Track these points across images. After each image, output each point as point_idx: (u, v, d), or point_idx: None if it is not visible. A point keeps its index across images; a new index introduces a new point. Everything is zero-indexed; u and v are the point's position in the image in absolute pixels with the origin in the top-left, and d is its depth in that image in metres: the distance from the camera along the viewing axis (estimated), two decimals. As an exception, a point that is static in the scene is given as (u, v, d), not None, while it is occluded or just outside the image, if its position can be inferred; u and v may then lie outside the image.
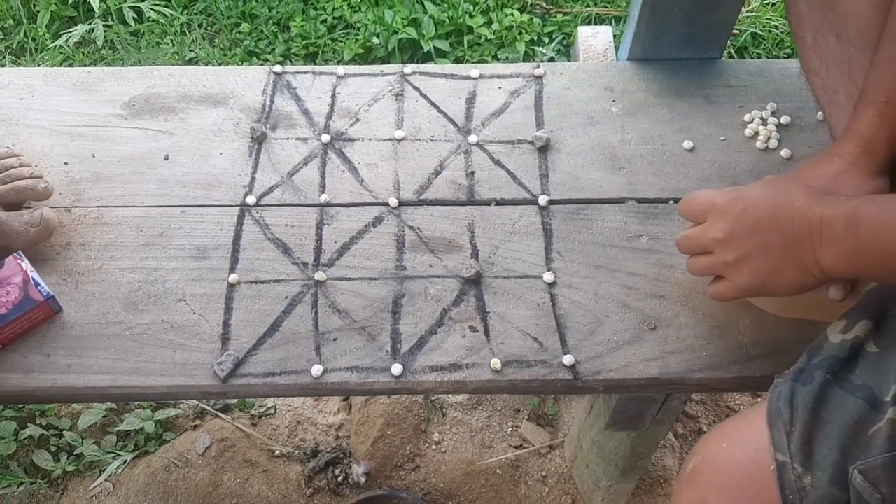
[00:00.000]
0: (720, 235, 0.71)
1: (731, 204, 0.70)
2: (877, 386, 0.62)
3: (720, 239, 0.71)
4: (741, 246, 0.70)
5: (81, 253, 0.85)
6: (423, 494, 1.29)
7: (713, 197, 0.72)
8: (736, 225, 0.70)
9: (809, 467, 0.61)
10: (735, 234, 0.70)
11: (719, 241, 0.71)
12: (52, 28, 1.86)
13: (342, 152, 0.94)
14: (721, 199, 0.71)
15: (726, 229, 0.70)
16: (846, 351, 0.66)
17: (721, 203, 0.71)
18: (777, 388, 0.67)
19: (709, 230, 0.72)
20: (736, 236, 0.70)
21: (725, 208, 0.71)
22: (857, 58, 0.78)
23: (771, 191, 0.69)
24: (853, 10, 0.77)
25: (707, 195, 0.73)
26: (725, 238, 0.70)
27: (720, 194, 0.72)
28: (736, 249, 0.70)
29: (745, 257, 0.70)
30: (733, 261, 0.71)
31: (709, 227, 0.72)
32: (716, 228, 0.71)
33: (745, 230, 0.69)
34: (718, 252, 0.72)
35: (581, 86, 0.99)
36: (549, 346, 0.79)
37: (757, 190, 0.70)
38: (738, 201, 0.70)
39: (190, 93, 0.99)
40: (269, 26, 1.83)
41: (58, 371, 0.78)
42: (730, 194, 0.71)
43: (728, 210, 0.70)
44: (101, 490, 1.29)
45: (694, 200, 0.75)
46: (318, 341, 0.80)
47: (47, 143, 0.94)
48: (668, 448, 1.33)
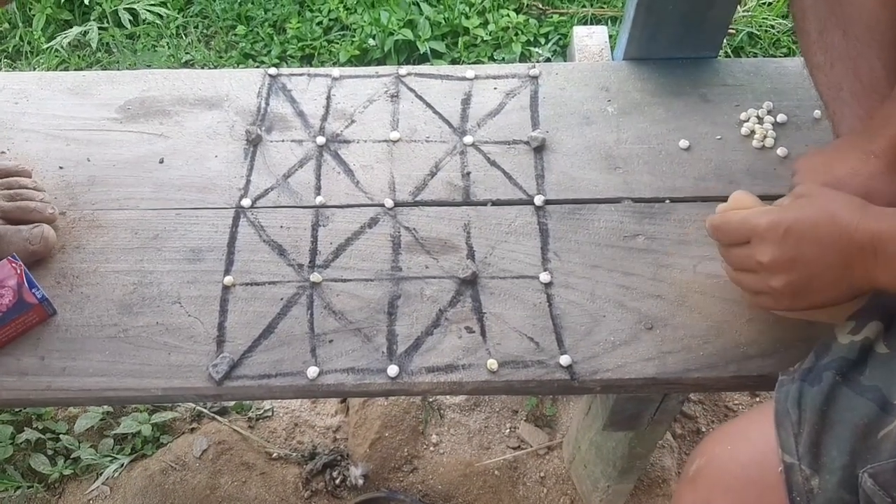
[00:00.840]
0: (766, 260, 0.68)
1: (772, 228, 0.67)
2: (887, 388, 0.61)
3: (766, 264, 0.68)
4: (786, 271, 0.67)
5: (76, 256, 0.85)
6: (422, 496, 1.29)
7: (751, 220, 0.69)
8: (780, 251, 0.66)
9: (818, 469, 0.61)
10: (780, 260, 0.67)
11: (765, 266, 0.68)
12: (48, 31, 1.86)
13: (337, 154, 0.93)
14: (761, 222, 0.68)
15: (771, 255, 0.67)
16: (855, 352, 0.65)
17: (761, 227, 0.67)
18: (784, 388, 0.66)
19: (754, 254, 0.69)
20: (781, 262, 0.67)
21: (765, 233, 0.67)
22: (864, 54, 0.76)
23: (809, 208, 0.66)
24: (860, 5, 0.76)
25: (742, 218, 0.70)
26: (771, 264, 0.67)
27: (757, 216, 0.68)
28: (781, 275, 0.67)
29: (791, 283, 0.67)
30: (780, 286, 0.68)
31: (753, 252, 0.69)
32: (760, 253, 0.68)
33: (789, 255, 0.66)
34: (763, 276, 0.69)
35: (577, 86, 0.99)
36: (546, 346, 0.79)
37: (794, 209, 0.67)
38: (779, 224, 0.66)
39: (185, 96, 0.99)
40: (265, 28, 1.83)
41: (52, 374, 0.77)
42: (768, 216, 0.68)
43: (769, 235, 0.67)
44: (98, 494, 1.29)
45: (729, 224, 0.72)
46: (314, 343, 0.80)
47: (42, 147, 0.94)
48: (666, 448, 1.33)
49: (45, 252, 0.84)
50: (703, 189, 0.89)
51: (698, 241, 0.85)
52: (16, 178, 0.88)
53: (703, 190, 0.89)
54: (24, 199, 0.85)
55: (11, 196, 0.85)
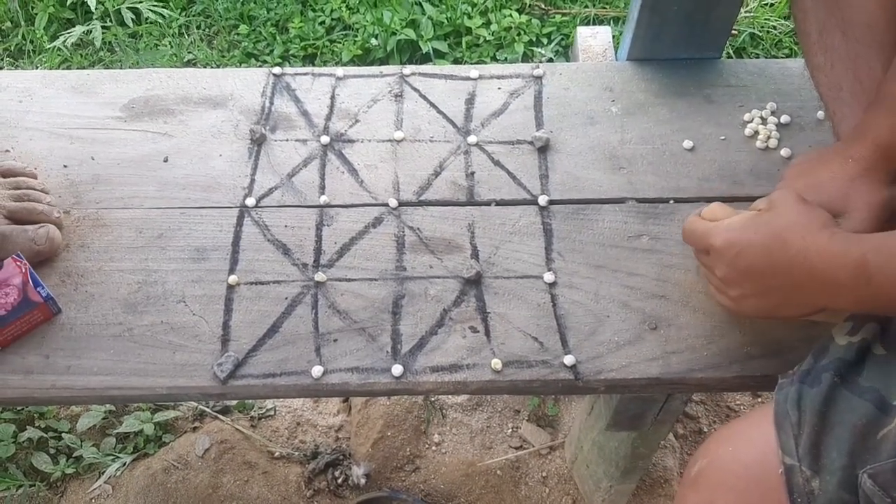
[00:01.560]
0: (720, 275, 0.72)
1: (725, 248, 0.70)
2: (885, 389, 0.62)
3: (720, 278, 0.72)
4: (739, 288, 0.71)
5: (81, 254, 0.85)
6: (424, 496, 1.29)
7: (709, 236, 0.72)
8: (730, 270, 0.70)
9: (818, 471, 0.61)
10: (731, 278, 0.71)
11: (719, 280, 0.73)
12: (50, 30, 1.86)
13: (342, 153, 0.93)
14: (716, 241, 0.71)
15: (723, 272, 0.71)
16: (853, 353, 0.65)
17: (716, 245, 0.71)
18: (783, 390, 0.66)
19: (711, 266, 0.73)
20: (732, 280, 0.71)
21: (720, 251, 0.71)
22: (863, 55, 0.77)
23: (763, 231, 0.68)
24: (860, 6, 0.76)
25: (703, 232, 0.73)
26: (723, 279, 0.72)
27: (715, 234, 0.71)
28: (734, 290, 0.72)
29: (744, 297, 0.71)
30: (734, 297, 0.72)
31: (710, 264, 0.73)
32: (716, 268, 0.72)
33: (739, 276, 0.70)
34: (721, 285, 0.73)
35: (580, 86, 0.99)
36: (550, 346, 0.79)
37: (749, 231, 0.69)
38: (732, 246, 0.70)
39: (189, 95, 0.99)
40: (268, 28, 1.83)
41: (57, 372, 0.78)
42: (724, 235, 0.70)
43: (722, 254, 0.71)
44: (100, 492, 1.29)
45: (694, 235, 0.75)
46: (319, 342, 0.80)
47: (46, 145, 0.94)
48: (668, 449, 1.33)
49: (51, 252, 0.84)
50: (706, 189, 0.90)
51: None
52: (23, 178, 0.88)
53: (707, 190, 0.89)
54: (30, 199, 0.86)
55: (18, 196, 0.85)
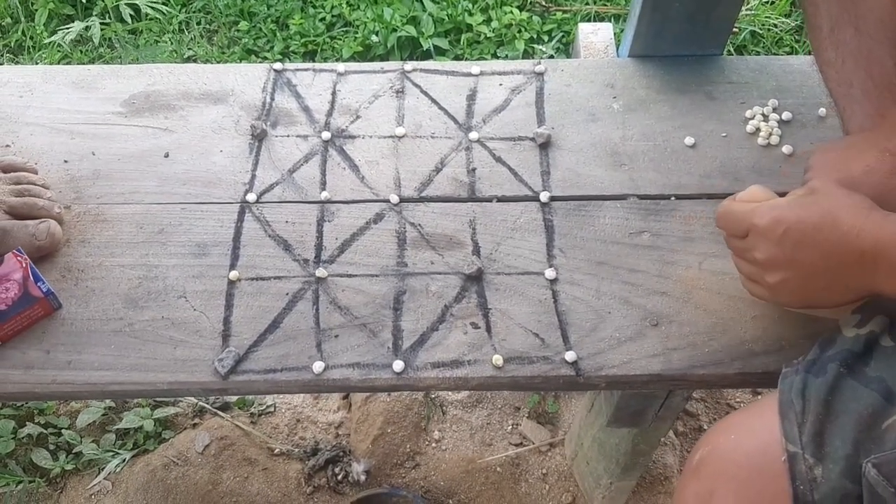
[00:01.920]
0: (762, 258, 0.68)
1: (772, 227, 0.67)
2: (892, 379, 0.62)
3: (762, 261, 0.69)
4: (781, 270, 0.68)
5: (81, 250, 0.85)
6: (424, 492, 1.29)
7: (752, 217, 0.69)
8: (777, 250, 0.67)
9: (821, 459, 0.61)
10: (777, 259, 0.67)
11: (761, 263, 0.69)
12: (50, 26, 1.86)
13: (343, 149, 0.93)
14: (761, 221, 0.68)
15: (766, 252, 0.68)
16: (861, 345, 0.65)
17: (761, 225, 0.68)
18: (788, 379, 0.66)
19: (751, 249, 0.70)
20: (778, 261, 0.67)
21: (765, 231, 0.67)
22: (876, 51, 0.76)
23: (814, 209, 0.66)
24: (873, 1, 0.75)
25: (745, 212, 0.70)
26: (767, 262, 0.68)
27: (759, 213, 0.68)
28: (778, 273, 0.68)
29: (786, 281, 0.68)
30: (775, 283, 0.69)
31: (750, 247, 0.70)
32: (758, 250, 0.69)
33: (786, 256, 0.66)
34: (760, 270, 0.70)
35: (582, 82, 0.99)
36: (551, 342, 0.79)
37: (798, 209, 0.66)
38: (779, 224, 0.66)
39: (190, 90, 0.99)
40: (268, 24, 1.83)
41: (57, 367, 0.77)
42: (770, 213, 0.67)
43: (768, 233, 0.67)
44: (99, 489, 1.29)
45: (732, 215, 0.72)
46: (320, 338, 0.80)
47: (47, 141, 0.94)
48: (668, 446, 1.33)
49: (52, 248, 0.84)
50: (708, 186, 0.89)
51: (704, 238, 0.85)
52: (23, 173, 0.88)
53: (709, 187, 0.89)
54: (31, 195, 0.85)
55: (19, 192, 0.85)
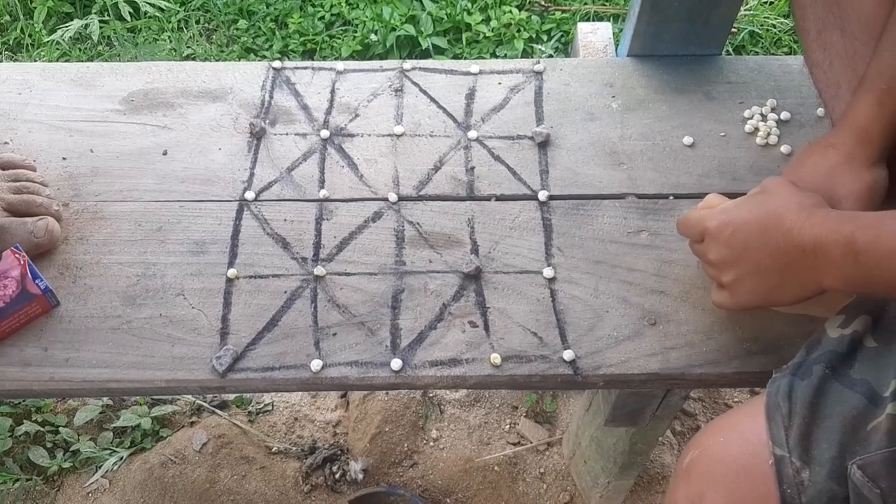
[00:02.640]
0: (714, 259, 0.72)
1: (720, 229, 0.71)
2: (876, 381, 0.62)
3: (715, 262, 0.72)
4: (734, 270, 0.71)
5: (79, 247, 0.85)
6: (421, 491, 1.29)
7: (704, 221, 0.73)
8: (726, 250, 0.71)
9: (808, 462, 0.61)
10: (726, 259, 0.71)
11: (714, 264, 0.73)
12: (49, 24, 1.85)
13: (341, 148, 0.93)
14: (711, 224, 0.72)
15: (717, 254, 0.72)
16: (845, 346, 0.66)
17: (711, 228, 0.72)
18: (775, 383, 0.67)
19: (705, 252, 0.74)
20: (727, 261, 0.71)
21: (715, 233, 0.71)
22: (861, 52, 0.77)
23: (759, 209, 0.69)
24: (858, 4, 0.76)
25: (698, 218, 0.74)
26: (718, 262, 0.72)
27: (711, 216, 0.72)
28: (730, 272, 0.71)
29: (739, 279, 0.71)
30: (729, 282, 0.72)
31: (705, 249, 0.74)
32: (710, 251, 0.73)
33: (734, 255, 0.70)
34: (716, 272, 0.73)
35: (581, 82, 0.99)
36: (549, 341, 0.79)
37: (745, 210, 0.70)
38: (727, 226, 0.70)
39: (189, 88, 0.99)
40: (267, 23, 1.82)
41: (55, 365, 0.77)
42: (719, 217, 0.72)
43: (718, 235, 0.71)
44: (97, 487, 1.29)
45: (687, 223, 0.76)
46: (318, 336, 0.80)
47: (45, 138, 0.94)
48: (666, 445, 1.33)
49: (50, 245, 0.84)
50: (706, 186, 0.90)
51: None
52: (22, 170, 0.88)
53: (707, 187, 0.89)
54: (29, 192, 0.85)
55: (17, 189, 0.85)
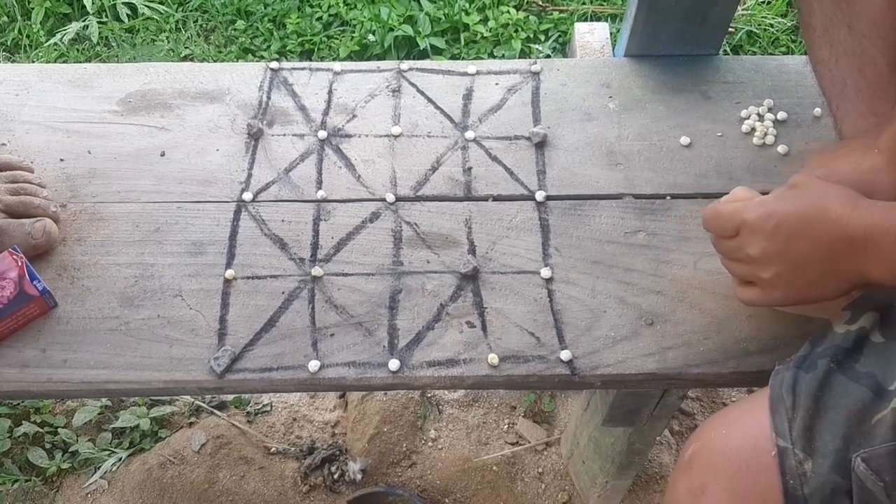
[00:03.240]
0: (755, 253, 0.68)
1: (762, 221, 0.67)
2: (882, 374, 0.62)
3: (755, 256, 0.68)
4: (776, 264, 0.67)
5: (77, 248, 0.85)
6: (420, 491, 1.29)
7: (741, 213, 0.69)
8: (770, 244, 0.67)
9: (811, 453, 0.61)
10: (770, 252, 0.67)
11: (755, 259, 0.68)
12: (47, 25, 1.85)
13: (339, 148, 0.93)
14: (751, 216, 0.68)
15: (759, 247, 0.67)
16: (851, 341, 0.66)
17: (751, 220, 0.68)
18: (779, 375, 0.66)
19: (743, 246, 0.69)
20: (771, 255, 0.67)
21: (756, 225, 0.67)
22: (869, 50, 0.76)
23: (802, 201, 0.66)
24: (867, 1, 0.76)
25: (733, 210, 0.70)
26: (761, 256, 0.68)
27: (748, 209, 0.68)
28: (772, 267, 0.67)
29: (780, 275, 0.67)
30: (770, 278, 0.68)
31: (743, 243, 0.69)
32: (750, 246, 0.68)
33: (779, 248, 0.66)
34: (753, 267, 0.69)
35: (578, 82, 0.99)
36: (547, 341, 0.79)
37: (786, 202, 0.67)
38: (769, 217, 0.66)
39: (186, 89, 0.99)
40: (265, 23, 1.82)
41: (53, 366, 0.77)
42: (759, 209, 0.68)
43: (759, 227, 0.67)
44: (95, 488, 1.29)
45: (720, 216, 0.72)
46: (315, 336, 0.80)
47: (43, 139, 0.94)
48: (664, 445, 1.33)
49: (48, 246, 0.84)
50: (703, 186, 0.90)
51: (699, 237, 0.85)
52: (20, 171, 0.88)
53: (704, 187, 0.90)
54: (27, 193, 0.85)
55: (15, 190, 0.85)
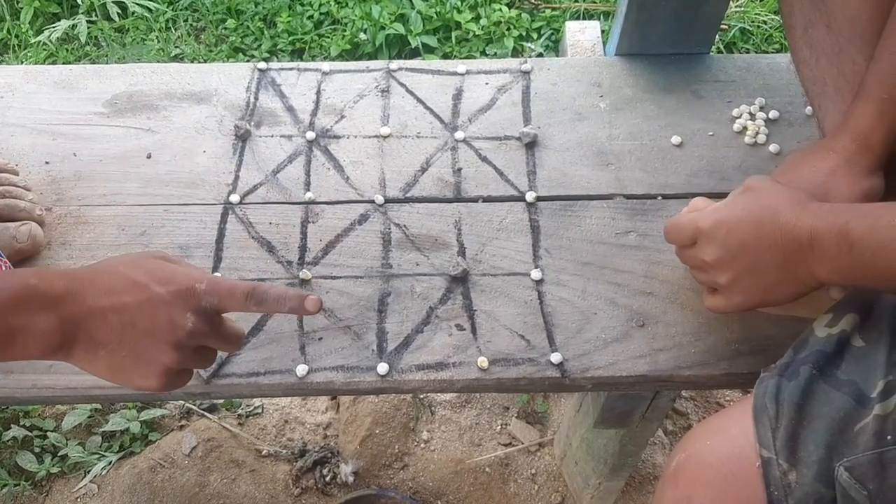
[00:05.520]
0: (710, 259, 0.70)
1: (715, 228, 0.69)
2: (863, 381, 0.62)
3: (711, 263, 0.70)
4: (731, 269, 0.69)
5: (62, 252, 0.84)
6: (412, 493, 1.28)
7: (696, 221, 0.71)
8: (722, 250, 0.69)
9: (795, 464, 0.61)
10: (723, 258, 0.69)
11: (711, 265, 0.71)
12: (36, 24, 1.84)
13: (327, 150, 0.93)
14: (704, 224, 0.70)
15: (714, 254, 0.70)
16: (832, 345, 0.65)
17: (705, 228, 0.70)
18: (763, 384, 0.66)
19: (699, 253, 0.72)
20: (724, 260, 0.69)
21: (710, 233, 0.70)
22: (847, 49, 0.77)
23: (753, 206, 0.68)
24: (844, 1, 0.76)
25: (690, 220, 0.73)
26: (716, 262, 0.70)
27: (703, 217, 0.71)
28: (726, 272, 0.70)
29: (736, 279, 0.69)
30: (726, 283, 0.70)
31: (699, 251, 0.72)
32: (704, 252, 0.71)
33: (731, 254, 0.68)
34: (711, 274, 0.71)
35: (568, 81, 0.99)
36: (537, 343, 0.79)
37: (738, 208, 0.69)
38: (721, 225, 0.69)
39: (173, 90, 0.98)
40: (255, 22, 1.81)
41: (38, 371, 0.76)
42: (712, 216, 0.70)
43: (712, 234, 0.70)
44: (85, 491, 1.28)
45: (678, 227, 0.74)
46: (303, 340, 0.79)
47: (28, 142, 0.93)
48: (657, 445, 1.33)
49: (33, 250, 0.83)
50: (695, 185, 0.89)
51: (690, 238, 0.85)
52: (4, 174, 0.87)
53: (696, 186, 0.89)
54: (12, 196, 0.84)
55: (0, 193, 0.84)
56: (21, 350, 0.57)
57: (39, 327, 0.57)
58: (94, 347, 0.59)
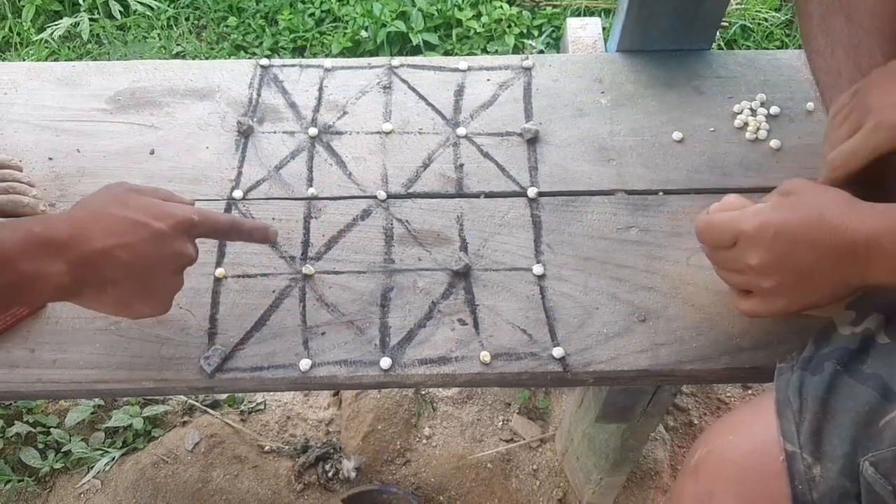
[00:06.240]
0: (755, 263, 0.66)
1: (760, 231, 0.65)
2: (889, 376, 0.61)
3: (756, 267, 0.67)
4: (777, 274, 0.66)
5: (66, 248, 0.84)
6: (414, 489, 1.29)
7: (738, 223, 0.67)
8: (770, 255, 0.65)
9: (819, 458, 0.61)
10: (769, 262, 0.66)
11: (755, 269, 0.67)
12: (38, 22, 1.84)
13: (329, 146, 0.93)
14: (748, 226, 0.66)
15: (759, 258, 0.66)
16: (857, 343, 0.65)
17: (749, 230, 0.66)
18: (784, 376, 0.66)
19: (742, 257, 0.68)
20: (770, 265, 0.66)
21: (755, 235, 0.66)
22: (866, 41, 0.75)
23: (797, 209, 0.65)
24: None
25: (729, 220, 0.68)
26: (761, 266, 0.66)
27: (745, 219, 0.67)
28: (772, 277, 0.66)
29: (782, 284, 0.66)
30: (770, 287, 0.67)
31: (741, 254, 0.68)
32: (749, 256, 0.67)
33: (780, 259, 0.65)
34: (752, 277, 0.68)
35: (570, 77, 0.99)
36: (539, 338, 0.79)
37: (783, 210, 0.66)
38: (767, 227, 0.65)
39: (175, 87, 0.98)
40: (257, 20, 1.82)
41: (42, 366, 0.77)
42: (756, 219, 0.66)
43: (758, 237, 0.66)
44: (89, 487, 1.28)
45: (715, 227, 0.70)
46: (306, 335, 0.79)
47: (31, 138, 0.93)
48: (658, 441, 1.33)
49: None
50: (696, 181, 0.89)
51: (691, 233, 0.84)
52: (8, 170, 0.87)
53: (697, 182, 0.89)
54: (16, 192, 0.85)
55: (3, 189, 0.85)
56: (34, 295, 0.63)
57: (50, 272, 0.61)
58: (103, 285, 0.65)
